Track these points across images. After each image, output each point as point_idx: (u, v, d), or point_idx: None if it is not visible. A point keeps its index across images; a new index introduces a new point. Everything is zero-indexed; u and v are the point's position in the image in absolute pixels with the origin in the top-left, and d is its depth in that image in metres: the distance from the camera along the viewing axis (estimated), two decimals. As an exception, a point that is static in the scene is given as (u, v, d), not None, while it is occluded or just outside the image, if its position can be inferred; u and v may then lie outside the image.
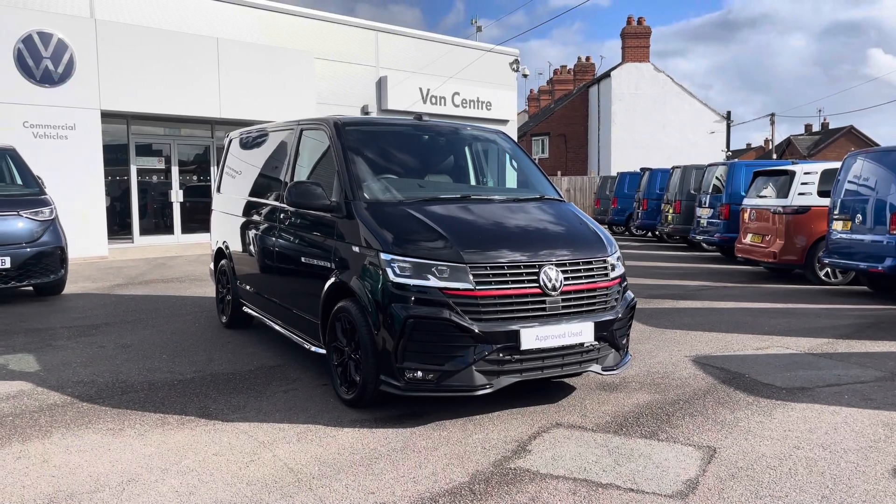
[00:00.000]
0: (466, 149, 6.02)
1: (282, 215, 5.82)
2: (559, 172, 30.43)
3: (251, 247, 6.55)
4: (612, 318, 4.74)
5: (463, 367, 4.28)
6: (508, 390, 4.66)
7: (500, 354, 4.34)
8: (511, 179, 6.24)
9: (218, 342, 6.79)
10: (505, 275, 4.39)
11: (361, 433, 4.28)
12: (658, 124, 33.65)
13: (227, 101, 15.90)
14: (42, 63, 13.07)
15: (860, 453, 3.97)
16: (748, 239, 12.18)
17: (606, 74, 34.74)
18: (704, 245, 17.06)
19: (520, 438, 4.21)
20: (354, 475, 3.65)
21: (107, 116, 14.42)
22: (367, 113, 19.20)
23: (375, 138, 5.57)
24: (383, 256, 4.42)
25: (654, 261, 15.01)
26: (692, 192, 17.32)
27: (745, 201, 12.68)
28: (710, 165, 16.32)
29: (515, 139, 24.37)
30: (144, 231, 16.42)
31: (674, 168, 18.89)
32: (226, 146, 7.85)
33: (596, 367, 4.76)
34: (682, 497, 3.42)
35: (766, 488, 3.51)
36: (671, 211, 18.27)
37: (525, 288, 4.42)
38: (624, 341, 5.00)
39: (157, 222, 17.08)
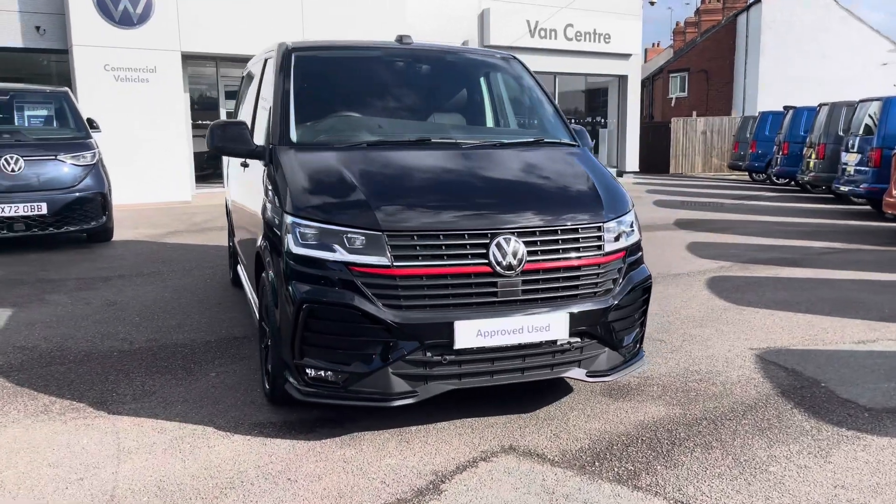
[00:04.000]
0: (458, 78, 4.77)
1: (240, 162, 4.93)
2: (694, 113, 27.50)
3: (233, 198, 5.75)
4: (602, 306, 3.46)
5: (374, 369, 3.22)
6: (488, 388, 3.55)
7: (428, 354, 3.23)
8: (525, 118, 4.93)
9: (208, 303, 6.11)
10: (439, 247, 3.24)
11: (248, 445, 3.35)
12: (816, 55, 29.41)
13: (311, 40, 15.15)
14: (120, 4, 12.92)
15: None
16: (897, 191, 9.92)
17: (757, 0, 30.73)
18: (852, 198, 14.49)
19: (444, 469, 3.12)
20: (182, 514, 2.75)
21: (191, 59, 14.17)
22: (466, 49, 17.85)
23: (333, 67, 4.48)
24: (287, 219, 3.40)
25: (783, 215, 12.85)
26: (840, 133, 14.72)
27: (898, 144, 10.33)
28: (861, 101, 13.69)
29: (639, 76, 22.07)
30: (237, 176, 16.27)
31: (820, 105, 16.18)
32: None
33: (577, 372, 3.52)
34: None
35: None
36: (813, 156, 15.70)
37: (467, 265, 3.25)
38: (630, 336, 3.72)
39: (253, 167, 16.90)
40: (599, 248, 3.51)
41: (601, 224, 3.54)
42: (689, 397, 3.96)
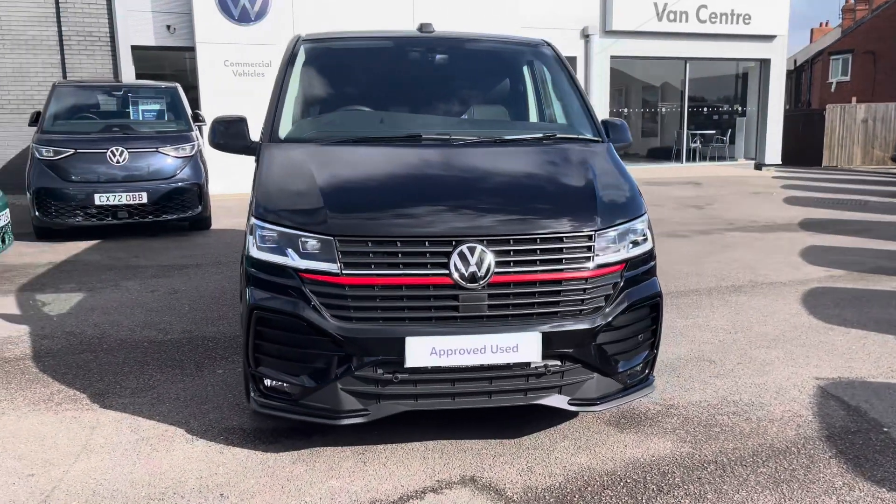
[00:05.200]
0: (477, 69, 4.42)
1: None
2: (854, 99, 24.83)
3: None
4: (586, 326, 3.04)
5: (323, 384, 3.01)
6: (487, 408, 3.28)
7: (379, 371, 2.97)
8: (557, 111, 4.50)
9: (259, 296, 6.17)
10: (395, 254, 2.97)
11: (205, 452, 3.26)
12: None
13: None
14: (240, 2, 13.50)
15: None
16: None
17: (940, -29, 27.23)
18: None
19: (385, 498, 2.86)
20: (97, 524, 2.68)
21: (305, 52, 14.57)
22: (587, 36, 17.06)
23: (343, 59, 4.29)
24: (251, 220, 3.27)
25: (936, 216, 11.22)
26: None
27: None
28: None
29: (784, 60, 20.16)
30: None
31: None
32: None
33: (557, 399, 3.13)
34: None
35: None
36: None
37: (425, 276, 2.95)
38: (631, 361, 3.28)
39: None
40: (588, 259, 3.09)
41: (591, 233, 3.10)
42: (709, 434, 3.42)
